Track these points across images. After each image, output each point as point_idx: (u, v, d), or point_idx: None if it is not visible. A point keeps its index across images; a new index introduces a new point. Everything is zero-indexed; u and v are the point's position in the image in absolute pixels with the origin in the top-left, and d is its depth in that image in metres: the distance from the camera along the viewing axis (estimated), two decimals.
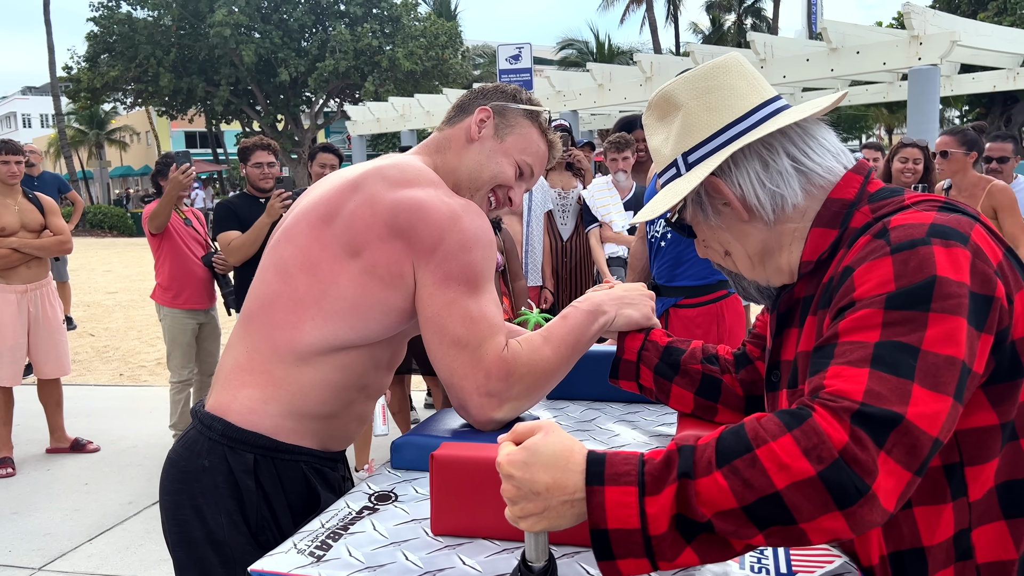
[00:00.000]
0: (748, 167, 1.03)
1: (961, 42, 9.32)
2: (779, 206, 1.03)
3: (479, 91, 1.52)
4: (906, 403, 0.81)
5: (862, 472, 0.78)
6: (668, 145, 1.09)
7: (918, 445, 0.80)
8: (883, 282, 0.87)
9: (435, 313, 1.30)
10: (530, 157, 1.48)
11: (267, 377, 1.34)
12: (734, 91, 1.05)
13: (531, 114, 1.49)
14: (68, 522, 3.87)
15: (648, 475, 0.85)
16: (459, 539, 1.06)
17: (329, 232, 1.33)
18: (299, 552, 1.03)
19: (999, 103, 27.28)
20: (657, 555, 0.84)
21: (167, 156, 4.72)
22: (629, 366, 1.42)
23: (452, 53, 28.62)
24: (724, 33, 38.30)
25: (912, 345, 0.83)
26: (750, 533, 0.82)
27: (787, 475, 0.79)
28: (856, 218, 1.01)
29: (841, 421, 0.80)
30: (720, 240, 1.10)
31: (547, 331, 1.38)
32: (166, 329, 4.58)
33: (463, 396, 1.31)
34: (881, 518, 0.80)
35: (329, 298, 1.31)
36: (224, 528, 1.31)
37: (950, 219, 0.91)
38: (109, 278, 13.79)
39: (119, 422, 5.45)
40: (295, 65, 27.48)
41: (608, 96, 13.35)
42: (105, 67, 28.02)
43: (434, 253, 1.29)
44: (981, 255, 0.88)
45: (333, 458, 1.46)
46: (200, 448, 1.35)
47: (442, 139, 1.49)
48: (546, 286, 4.97)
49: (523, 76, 10.47)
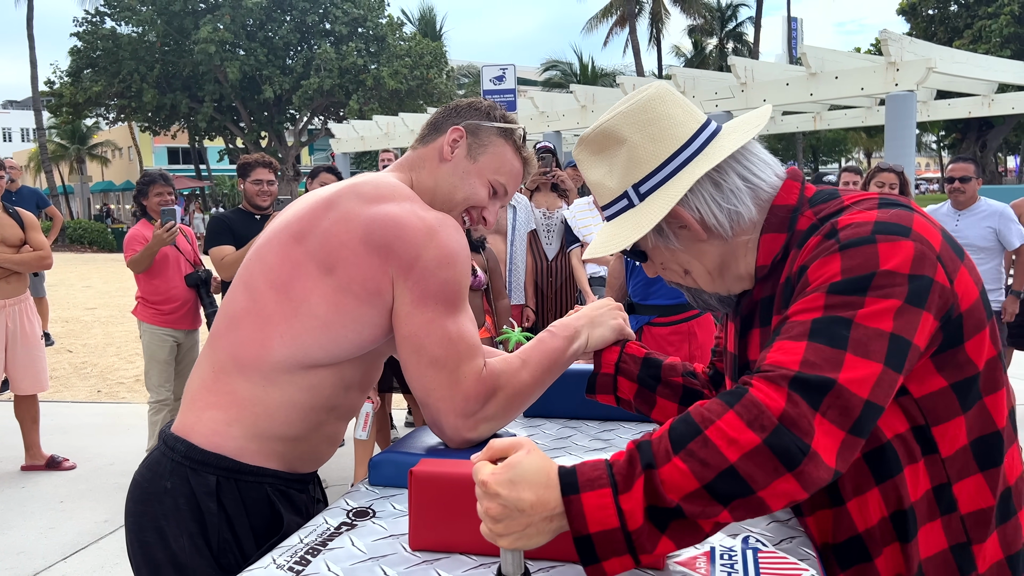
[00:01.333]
0: (702, 191, 1.09)
1: (937, 69, 9.50)
2: (736, 222, 1.11)
3: (452, 109, 1.51)
4: (838, 369, 0.90)
5: (800, 433, 0.87)
6: (613, 178, 1.13)
7: (850, 406, 0.89)
8: (832, 274, 0.97)
9: (412, 332, 1.30)
10: (503, 176, 1.47)
11: (231, 398, 1.33)
12: (672, 120, 1.11)
13: (505, 132, 1.48)
14: (43, 540, 3.82)
15: (618, 474, 0.91)
16: (437, 554, 1.08)
17: (301, 250, 1.32)
18: (278, 567, 1.04)
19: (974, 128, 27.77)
20: (638, 548, 0.89)
21: (147, 175, 4.66)
22: (606, 379, 1.45)
23: (437, 73, 28.80)
24: (706, 57, 38.81)
25: (846, 319, 0.93)
26: (715, 511, 0.88)
27: (737, 448, 0.87)
28: (801, 221, 1.09)
29: (778, 389, 0.89)
30: (679, 261, 1.16)
31: (525, 355, 1.39)
32: (145, 345, 4.52)
33: (438, 416, 1.32)
34: (827, 475, 0.88)
35: (299, 316, 1.31)
36: (186, 550, 1.30)
37: (891, 215, 1.00)
38: (88, 294, 13.66)
39: (96, 439, 5.39)
40: (280, 82, 27.51)
41: (591, 117, 13.45)
42: (88, 82, 27.93)
43: (412, 270, 1.29)
44: (924, 242, 0.98)
45: (302, 480, 1.44)
46: (163, 469, 1.34)
47: (416, 158, 1.49)
48: (528, 304, 5.00)
49: (507, 97, 10.56)
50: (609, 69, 39.00)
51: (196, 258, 4.71)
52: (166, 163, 48.22)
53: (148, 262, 4.39)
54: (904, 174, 5.02)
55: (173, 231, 4.33)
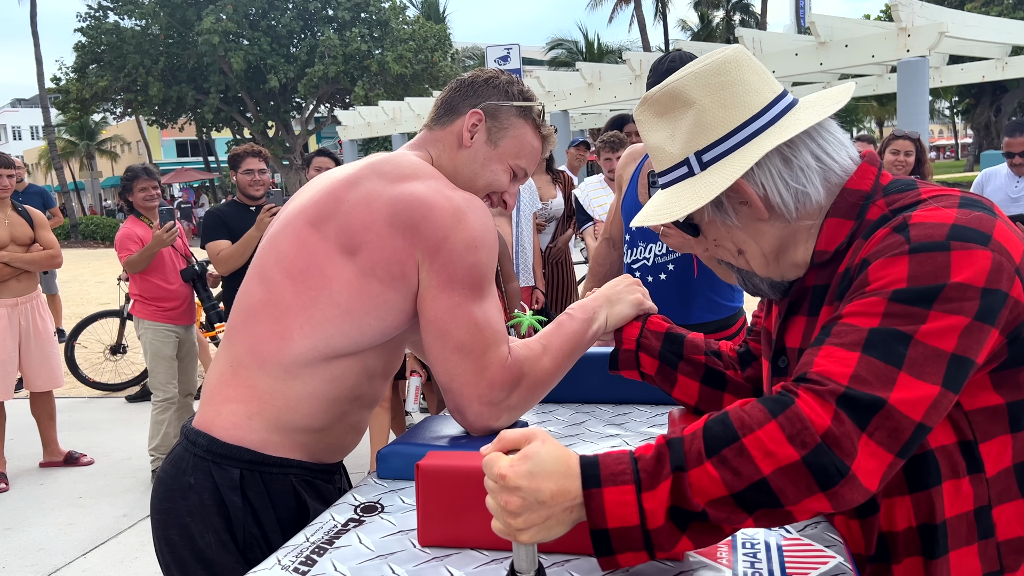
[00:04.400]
0: (770, 166, 1.00)
1: (949, 33, 9.34)
2: (802, 204, 1.02)
3: (469, 86, 1.43)
4: (890, 389, 0.84)
5: (842, 454, 0.82)
6: (675, 143, 1.04)
7: (900, 428, 0.84)
8: (896, 279, 0.89)
9: (438, 316, 1.26)
10: (524, 160, 1.43)
11: (252, 392, 1.30)
12: (748, 86, 1.01)
13: (524, 111, 1.42)
14: (62, 537, 3.83)
15: (643, 471, 0.87)
16: (447, 550, 1.04)
17: (319, 235, 1.28)
18: (283, 568, 1.00)
19: (988, 93, 27.34)
20: (656, 547, 0.87)
21: (130, 171, 4.56)
22: (628, 355, 1.40)
23: (441, 56, 28.60)
24: (713, 29, 38.36)
25: (906, 334, 0.86)
26: (740, 518, 0.85)
27: (773, 461, 0.83)
28: (872, 210, 1.00)
29: (825, 404, 0.84)
30: (735, 239, 1.07)
31: (545, 340, 1.35)
32: (147, 344, 4.45)
33: (462, 402, 1.28)
34: (862, 497, 0.84)
35: (319, 305, 1.27)
36: (212, 547, 1.27)
37: (971, 218, 0.91)
38: (101, 289, 13.71)
39: (112, 434, 5.41)
40: (284, 71, 27.42)
41: (598, 95, 13.34)
42: (94, 77, 27.94)
43: (438, 252, 1.24)
44: (1003, 252, 0.89)
45: (327, 470, 1.41)
46: (185, 465, 1.31)
47: (432, 138, 1.43)
48: (538, 286, 4.95)
49: None
50: (615, 46, 38.61)
51: (187, 250, 4.65)
52: (175, 156, 48.37)
53: (147, 263, 4.34)
54: (920, 141, 4.92)
55: (173, 232, 4.29)
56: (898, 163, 4.78)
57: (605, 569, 0.89)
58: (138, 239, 4.38)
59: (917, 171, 4.82)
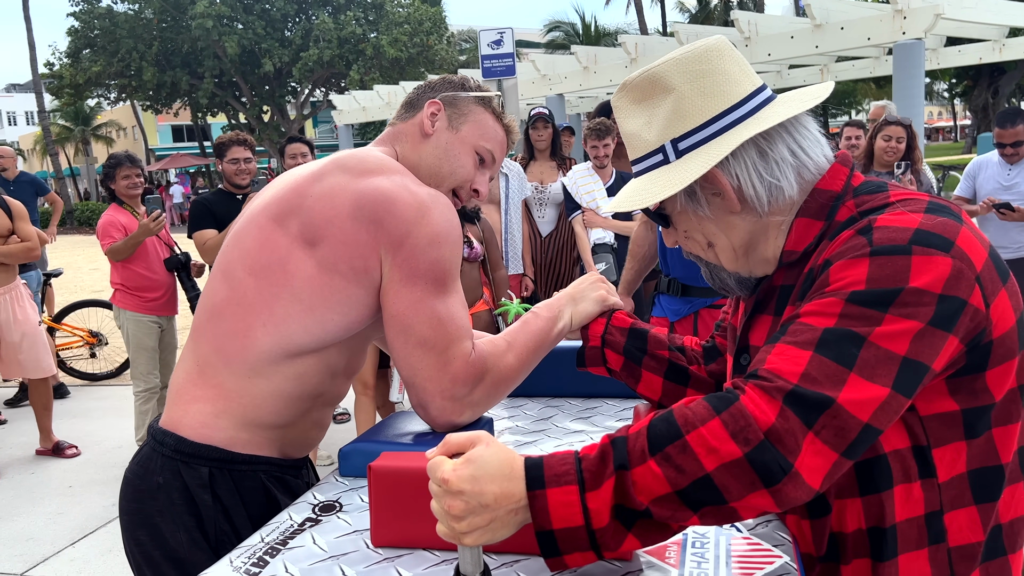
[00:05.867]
0: (746, 157, 1.00)
1: (945, 15, 9.27)
2: (775, 198, 1.01)
3: (426, 85, 1.48)
4: (840, 388, 0.84)
5: (785, 451, 0.82)
6: (651, 130, 1.04)
7: (847, 428, 0.84)
8: (856, 281, 0.89)
9: (401, 311, 1.26)
10: (488, 143, 1.44)
11: (218, 391, 1.30)
12: (728, 76, 1.01)
13: (483, 100, 1.44)
14: (52, 526, 3.85)
15: (586, 471, 0.87)
16: (399, 551, 1.04)
17: (282, 231, 1.28)
18: (235, 569, 1.01)
19: (986, 75, 27.23)
20: (601, 546, 0.87)
21: (113, 158, 4.52)
22: (595, 352, 1.40)
23: (437, 39, 28.41)
24: (711, 12, 38.10)
25: (860, 335, 0.86)
26: (685, 516, 0.85)
27: (716, 458, 0.83)
28: (841, 211, 1.00)
29: (771, 401, 0.84)
30: (705, 231, 1.07)
31: (511, 337, 1.36)
32: (129, 334, 4.44)
33: (425, 398, 1.29)
34: (806, 495, 0.84)
35: (281, 301, 1.27)
36: (184, 545, 1.27)
37: (936, 223, 0.91)
38: (96, 276, 13.69)
39: (103, 422, 5.42)
40: (279, 55, 27.25)
41: (593, 79, 13.25)
42: (87, 62, 27.76)
43: (401, 247, 1.24)
44: (964, 259, 0.89)
45: (295, 464, 1.42)
46: (154, 465, 1.31)
47: (396, 133, 1.45)
48: (527, 274, 4.94)
49: (505, 61, 10.36)
50: (612, 28, 38.39)
51: (171, 239, 4.62)
52: (171, 141, 48.15)
53: (131, 252, 4.32)
54: (912, 127, 4.89)
55: (160, 221, 4.27)
56: (889, 149, 4.76)
57: (553, 570, 0.89)
58: (121, 227, 4.35)
59: (908, 157, 4.80)
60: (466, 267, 4.17)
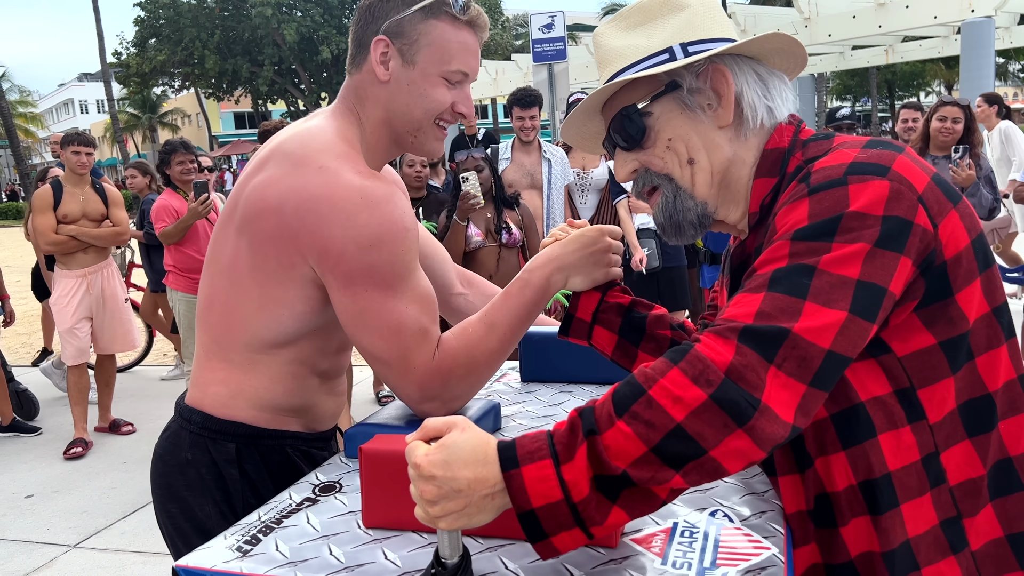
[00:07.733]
0: (747, 74, 1.05)
1: None
2: (765, 117, 1.05)
3: (367, 11, 1.28)
4: (795, 319, 0.84)
5: (748, 387, 0.81)
6: (655, 39, 1.06)
7: (808, 357, 0.83)
8: (798, 220, 0.90)
9: (346, 321, 1.24)
10: (454, 62, 1.27)
11: (227, 374, 1.33)
12: (725, 16, 1.11)
13: (428, 9, 1.25)
14: (105, 500, 4.01)
15: (558, 444, 0.86)
16: (389, 532, 1.05)
17: (232, 227, 1.29)
18: (227, 547, 1.03)
19: None
20: (586, 521, 0.84)
21: (168, 144, 4.72)
22: (582, 325, 1.33)
23: (492, 23, 28.36)
24: None
25: (810, 266, 0.87)
26: (667, 475, 0.83)
27: (683, 406, 0.81)
28: (791, 163, 1.03)
29: (727, 342, 0.84)
30: (690, 145, 1.06)
31: (490, 318, 1.30)
32: (182, 315, 4.59)
33: (403, 400, 1.29)
34: (783, 430, 0.82)
35: (240, 301, 1.28)
36: (212, 518, 1.30)
37: (871, 155, 0.92)
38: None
39: (159, 401, 5.61)
40: (337, 42, 27.61)
41: None
42: (152, 51, 28.62)
43: (326, 253, 1.19)
44: (903, 181, 0.90)
45: (321, 437, 1.44)
46: (182, 442, 1.35)
47: (355, 87, 1.31)
48: None
49: (556, 45, 10.32)
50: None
51: None
52: (233, 128, 49.27)
53: (181, 235, 4.48)
54: (970, 108, 4.70)
55: (208, 205, 4.39)
56: (944, 130, 4.58)
57: (545, 557, 0.87)
58: (173, 211, 4.50)
59: (966, 139, 4.61)
60: (505, 253, 4.17)
